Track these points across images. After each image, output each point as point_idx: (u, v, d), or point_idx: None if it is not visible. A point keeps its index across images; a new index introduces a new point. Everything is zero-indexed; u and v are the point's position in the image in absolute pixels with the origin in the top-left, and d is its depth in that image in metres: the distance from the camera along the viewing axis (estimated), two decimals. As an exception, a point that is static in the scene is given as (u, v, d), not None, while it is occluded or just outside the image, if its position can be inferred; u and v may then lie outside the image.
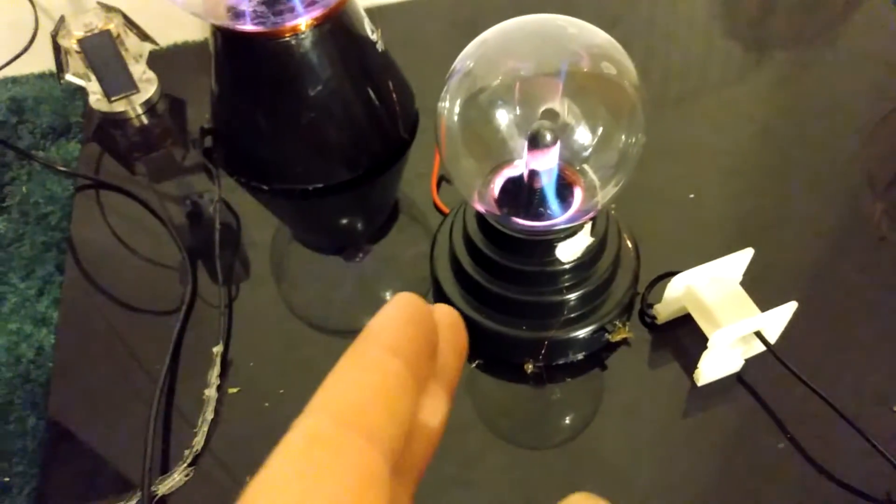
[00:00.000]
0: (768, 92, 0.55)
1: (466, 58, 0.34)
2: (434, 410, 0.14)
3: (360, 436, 0.11)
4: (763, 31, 0.61)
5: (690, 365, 0.38)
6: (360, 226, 0.51)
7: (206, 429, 0.38)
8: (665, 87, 0.55)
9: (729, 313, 0.36)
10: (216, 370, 0.40)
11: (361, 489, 0.11)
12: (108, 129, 0.56)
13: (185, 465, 0.36)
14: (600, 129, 0.33)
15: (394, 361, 0.13)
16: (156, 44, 0.57)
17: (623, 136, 0.33)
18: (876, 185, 0.48)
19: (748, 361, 0.38)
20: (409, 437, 0.13)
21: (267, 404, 0.39)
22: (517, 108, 0.33)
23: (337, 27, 0.43)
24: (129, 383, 0.41)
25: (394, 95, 0.48)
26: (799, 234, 0.45)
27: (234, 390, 0.40)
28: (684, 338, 0.40)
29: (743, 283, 0.39)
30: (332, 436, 0.11)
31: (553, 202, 0.35)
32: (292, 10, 0.40)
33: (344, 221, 0.51)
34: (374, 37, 0.46)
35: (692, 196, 0.47)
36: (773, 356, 0.36)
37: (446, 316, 0.16)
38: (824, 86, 0.55)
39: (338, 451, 0.11)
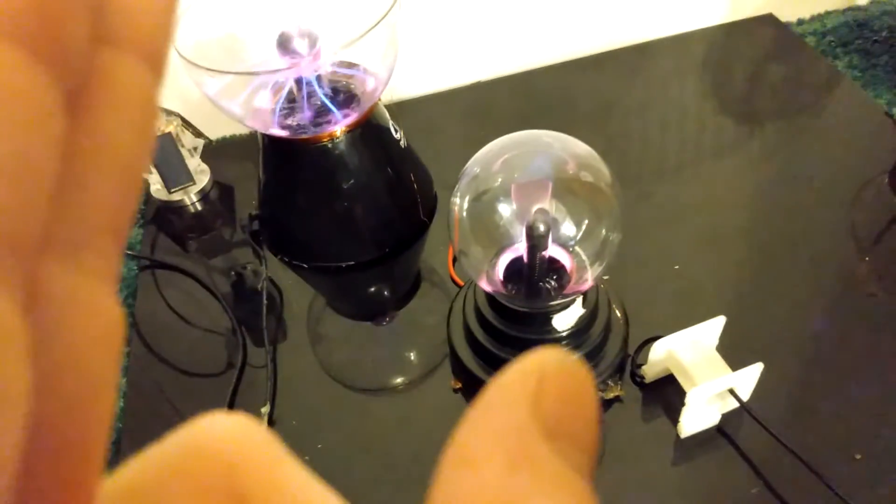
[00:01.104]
0: (752, 165, 0.62)
1: (474, 164, 0.41)
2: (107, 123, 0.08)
3: None
4: (747, 109, 0.68)
5: (675, 419, 0.44)
6: (386, 294, 0.58)
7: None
8: (655, 165, 0.62)
9: (704, 373, 0.42)
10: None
11: None
12: (166, 215, 0.64)
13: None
14: (583, 221, 0.40)
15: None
16: (208, 139, 0.65)
17: (602, 226, 0.40)
18: (862, 246, 0.53)
19: (725, 416, 0.43)
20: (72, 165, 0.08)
21: (307, 458, 0.45)
22: (515, 205, 0.40)
23: (366, 131, 0.50)
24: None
25: (415, 185, 0.56)
26: (772, 299, 0.51)
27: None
28: (670, 395, 0.45)
29: (720, 346, 0.44)
30: None
31: (548, 281, 0.42)
32: (330, 121, 0.48)
33: (372, 291, 0.58)
34: (397, 135, 0.54)
35: (677, 267, 0.53)
36: (745, 411, 0.42)
37: None
38: (804, 159, 0.61)
39: None
